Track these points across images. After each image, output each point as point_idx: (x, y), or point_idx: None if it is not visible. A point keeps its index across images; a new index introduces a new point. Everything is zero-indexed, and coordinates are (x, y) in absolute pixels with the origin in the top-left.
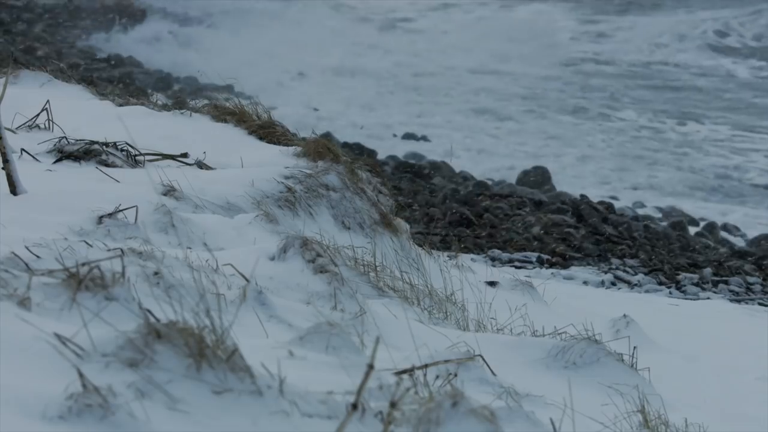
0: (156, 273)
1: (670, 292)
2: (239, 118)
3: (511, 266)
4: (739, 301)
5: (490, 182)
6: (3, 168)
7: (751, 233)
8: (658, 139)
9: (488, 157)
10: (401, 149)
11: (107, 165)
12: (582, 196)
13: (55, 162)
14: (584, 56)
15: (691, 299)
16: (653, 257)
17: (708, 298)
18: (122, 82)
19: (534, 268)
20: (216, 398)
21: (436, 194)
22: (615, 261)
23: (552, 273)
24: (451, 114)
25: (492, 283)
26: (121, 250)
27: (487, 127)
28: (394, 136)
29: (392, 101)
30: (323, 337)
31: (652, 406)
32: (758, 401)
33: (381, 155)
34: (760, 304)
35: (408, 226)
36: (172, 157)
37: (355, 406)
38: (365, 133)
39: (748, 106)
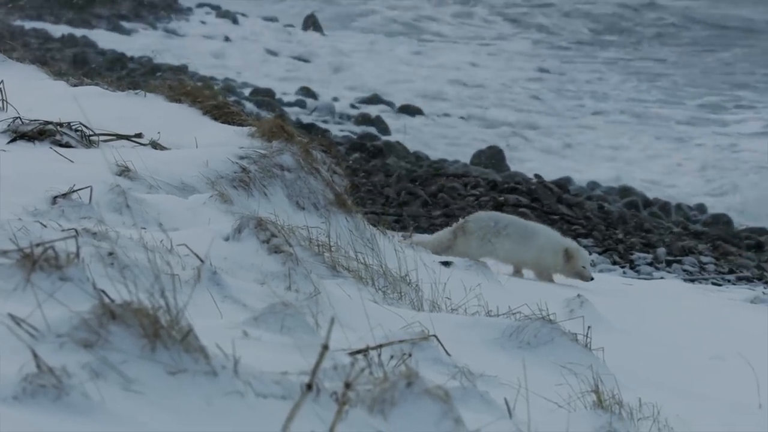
0: (110, 253)
1: (624, 272)
2: (194, 98)
3: None
4: (692, 281)
5: (444, 162)
6: None
7: (706, 212)
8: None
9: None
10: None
11: (62, 145)
12: (536, 175)
13: (9, 142)
14: None
15: (645, 279)
16: (607, 237)
17: (662, 278)
18: (76, 62)
19: None
20: (170, 378)
21: (390, 174)
22: None
23: None
24: None
25: (446, 263)
26: (76, 230)
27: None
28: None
29: None
30: (278, 317)
31: (606, 385)
32: (712, 380)
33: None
34: (713, 283)
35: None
36: (127, 138)
37: (309, 387)
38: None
39: None
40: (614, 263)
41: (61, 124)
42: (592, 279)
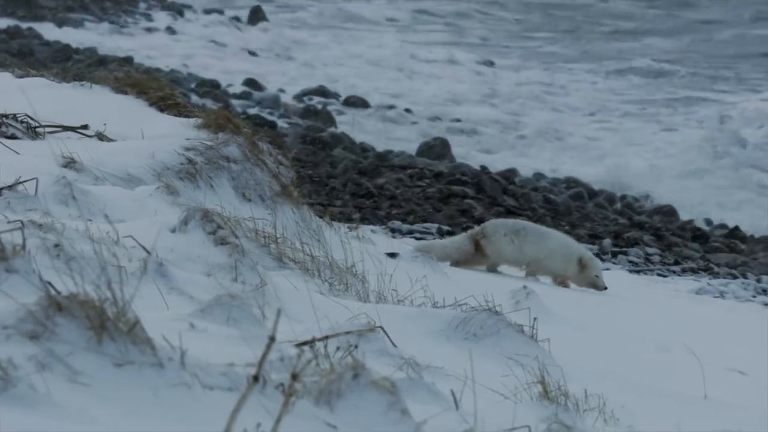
0: (56, 245)
1: None
2: (140, 89)
3: (411, 237)
4: (638, 272)
5: (390, 154)
6: None
7: (651, 204)
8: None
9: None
10: None
11: (7, 137)
12: (482, 167)
13: None
14: None
15: None
16: (553, 228)
17: (607, 269)
18: (21, 53)
19: (434, 239)
20: (117, 370)
21: (336, 166)
22: None
23: None
24: None
25: (392, 255)
26: (21, 222)
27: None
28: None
29: None
30: (224, 309)
31: (552, 377)
32: (658, 371)
33: None
34: (658, 274)
35: None
36: (73, 129)
37: (256, 378)
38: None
39: None
40: None
41: (6, 116)
42: (605, 288)
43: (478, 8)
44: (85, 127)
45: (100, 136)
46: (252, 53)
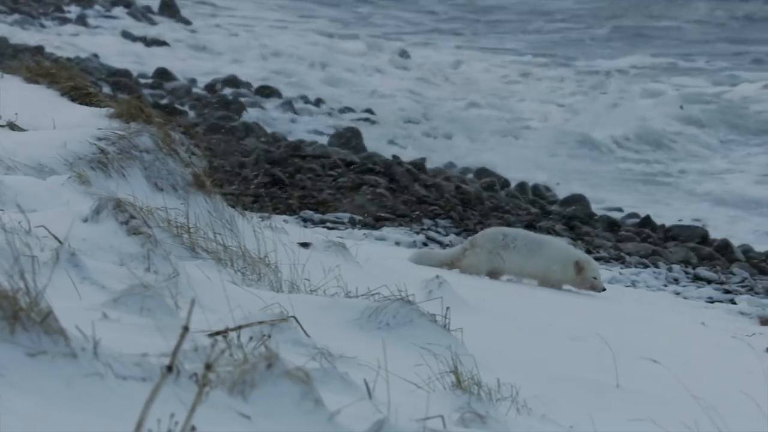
0: None
1: None
2: (51, 79)
3: (323, 227)
4: None
5: (302, 143)
6: None
7: (563, 194)
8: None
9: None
10: None
11: None
12: (394, 156)
13: None
14: None
15: None
16: (465, 218)
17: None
18: None
19: (346, 229)
20: (30, 360)
21: (248, 155)
22: (427, 221)
23: (364, 234)
24: None
25: (305, 245)
26: None
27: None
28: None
29: None
30: (137, 299)
31: (465, 366)
32: (571, 360)
33: None
34: None
35: None
36: None
37: (170, 368)
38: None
39: None
40: None
41: None
42: (604, 290)
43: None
44: None
45: (12, 126)
46: (163, 43)
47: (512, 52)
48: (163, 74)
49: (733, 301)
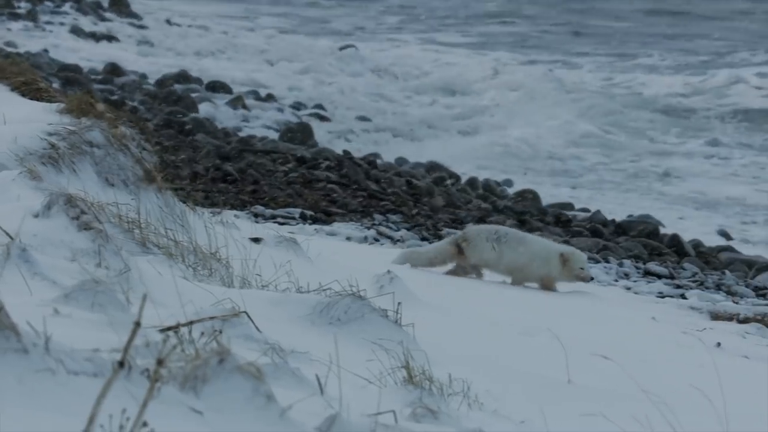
0: None
1: None
2: (2, 75)
3: (274, 222)
4: None
5: (252, 139)
6: None
7: (513, 188)
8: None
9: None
10: None
11: None
12: (345, 152)
13: None
14: None
15: None
16: (416, 213)
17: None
18: None
19: (297, 224)
20: None
21: (199, 150)
22: (378, 216)
23: (315, 229)
24: None
25: (256, 240)
26: None
27: None
28: None
29: None
30: (89, 294)
31: (417, 361)
32: (522, 356)
33: None
34: None
35: None
36: None
37: (121, 364)
38: None
39: None
40: (423, 239)
41: None
42: (592, 279)
43: None
44: None
45: None
46: (113, 39)
47: (465, 46)
48: (113, 69)
49: (683, 296)
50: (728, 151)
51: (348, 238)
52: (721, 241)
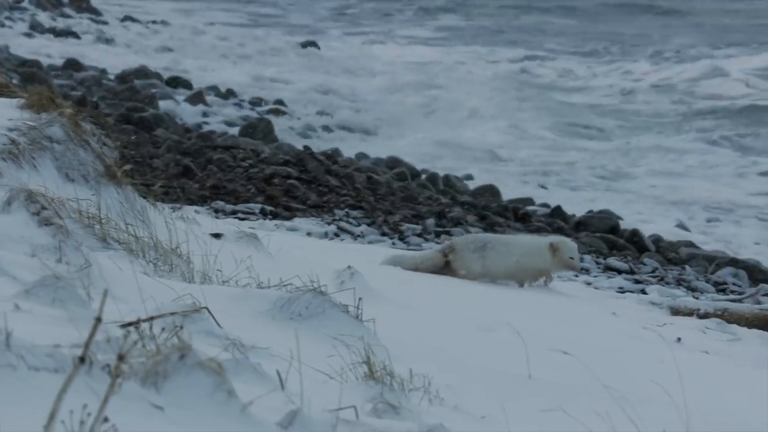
0: None
1: (393, 243)
2: None
3: (235, 218)
4: None
5: (213, 134)
6: None
7: (473, 184)
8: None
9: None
10: None
11: None
12: (306, 147)
13: None
14: None
15: (414, 250)
16: (376, 208)
17: (431, 249)
18: None
19: (258, 219)
20: None
21: (159, 146)
22: (338, 212)
23: (276, 224)
24: None
25: (217, 235)
26: None
27: None
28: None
29: None
30: (49, 290)
31: (378, 357)
32: (483, 351)
33: None
34: None
35: None
36: None
37: (82, 360)
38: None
39: None
40: (383, 234)
41: None
42: (582, 269)
43: None
44: None
45: None
46: (73, 34)
47: (426, 41)
48: (73, 65)
49: (643, 291)
50: (689, 147)
51: (308, 234)
52: (682, 237)
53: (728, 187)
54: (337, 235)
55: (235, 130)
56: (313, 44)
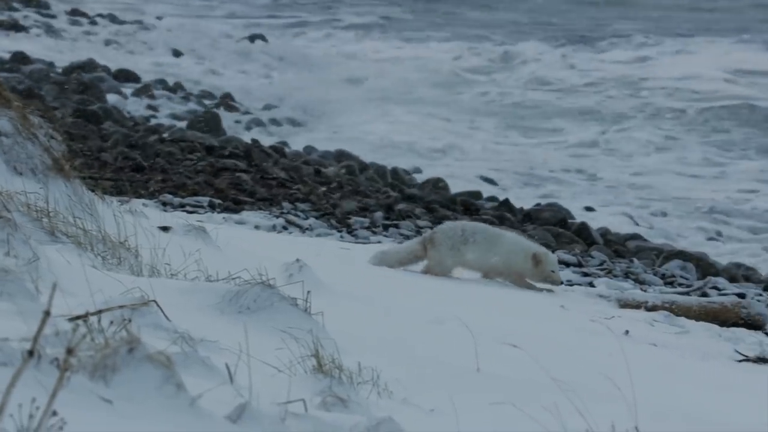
0: None
1: (342, 236)
2: None
3: (183, 211)
4: None
5: (161, 127)
6: None
7: (421, 177)
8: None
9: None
10: None
11: None
12: (253, 140)
13: None
14: None
15: (362, 243)
16: (324, 201)
17: (379, 242)
18: None
19: (206, 212)
20: None
21: (107, 139)
22: (286, 205)
23: (224, 217)
24: None
25: (165, 229)
26: None
27: None
28: None
29: None
30: None
31: (326, 350)
32: (431, 344)
33: None
34: None
35: None
36: None
37: (31, 353)
38: None
39: None
40: (332, 227)
41: None
42: (562, 283)
43: None
44: None
45: None
46: (21, 27)
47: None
48: (20, 58)
49: (592, 284)
50: (636, 139)
51: (257, 227)
52: (629, 230)
53: (677, 180)
54: (285, 228)
55: (183, 124)
56: (261, 37)
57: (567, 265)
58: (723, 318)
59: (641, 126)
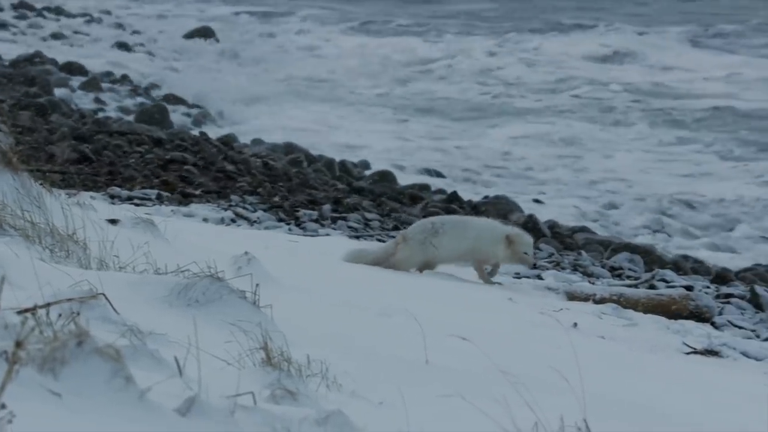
0: None
1: (290, 229)
2: None
3: (131, 204)
4: (357, 237)
5: (108, 120)
6: None
7: (370, 171)
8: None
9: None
10: None
11: None
12: (202, 133)
13: None
14: None
15: (310, 235)
16: (273, 194)
17: (327, 235)
18: None
19: (154, 205)
20: None
21: (55, 132)
22: (235, 198)
23: (172, 210)
24: None
25: (113, 221)
26: None
27: None
28: None
29: None
30: None
31: (275, 342)
32: (380, 336)
33: None
34: (378, 239)
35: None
36: None
37: None
38: None
39: None
40: (280, 220)
41: None
42: (535, 266)
43: None
44: None
45: None
46: None
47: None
48: None
49: (540, 277)
50: (581, 131)
51: (205, 220)
52: (577, 222)
53: (626, 172)
54: (233, 221)
55: (130, 117)
56: (210, 29)
57: None
58: (671, 310)
59: (591, 119)
